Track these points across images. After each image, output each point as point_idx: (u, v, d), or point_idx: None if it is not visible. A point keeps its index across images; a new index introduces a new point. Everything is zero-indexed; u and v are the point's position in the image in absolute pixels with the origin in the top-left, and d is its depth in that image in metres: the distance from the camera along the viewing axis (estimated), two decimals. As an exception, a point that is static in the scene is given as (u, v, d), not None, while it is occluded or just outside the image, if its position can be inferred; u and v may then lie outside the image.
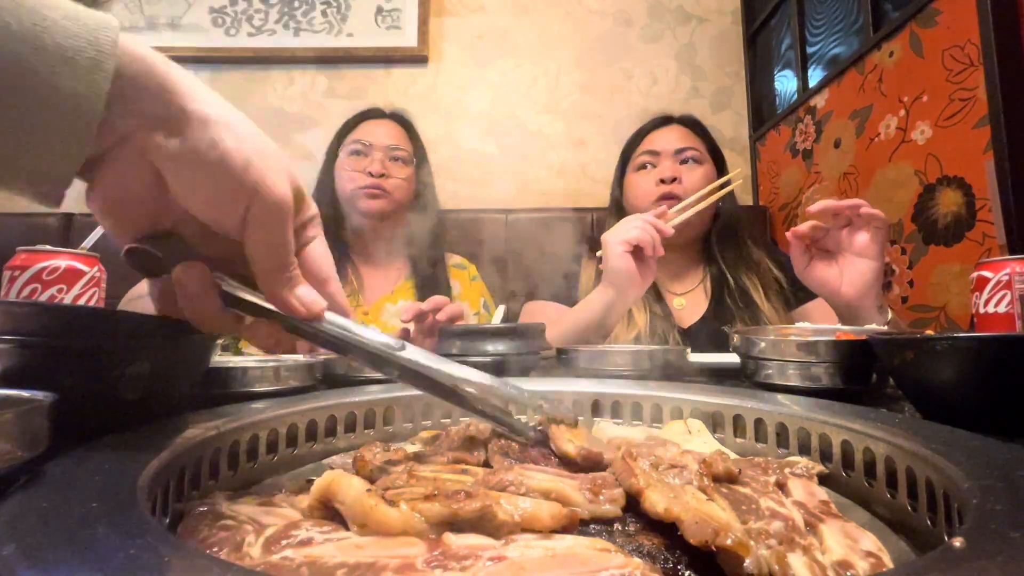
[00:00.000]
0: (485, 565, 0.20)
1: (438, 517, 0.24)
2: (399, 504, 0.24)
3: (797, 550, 0.23)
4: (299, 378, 0.57)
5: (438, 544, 0.22)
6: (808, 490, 0.29)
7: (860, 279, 0.86)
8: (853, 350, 0.56)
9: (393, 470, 0.31)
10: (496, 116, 2.14)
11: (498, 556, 0.21)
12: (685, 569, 0.22)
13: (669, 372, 0.66)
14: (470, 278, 1.34)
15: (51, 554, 0.17)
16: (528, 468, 0.30)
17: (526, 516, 0.24)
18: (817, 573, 0.21)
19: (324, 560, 0.21)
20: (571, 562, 0.20)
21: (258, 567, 0.21)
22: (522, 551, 0.21)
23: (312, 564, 0.21)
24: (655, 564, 0.23)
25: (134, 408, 0.41)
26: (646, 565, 0.20)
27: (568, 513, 0.25)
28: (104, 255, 0.72)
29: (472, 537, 0.23)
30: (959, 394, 0.43)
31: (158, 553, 0.17)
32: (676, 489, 0.27)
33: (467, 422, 0.42)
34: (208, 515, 0.27)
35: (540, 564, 0.20)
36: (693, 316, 1.22)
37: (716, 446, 0.39)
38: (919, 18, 1.25)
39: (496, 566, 0.20)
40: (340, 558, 0.21)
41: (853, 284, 0.87)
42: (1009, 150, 1.03)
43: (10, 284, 0.66)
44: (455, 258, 1.37)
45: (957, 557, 0.16)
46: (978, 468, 0.24)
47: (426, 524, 0.24)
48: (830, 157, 1.60)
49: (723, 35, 2.14)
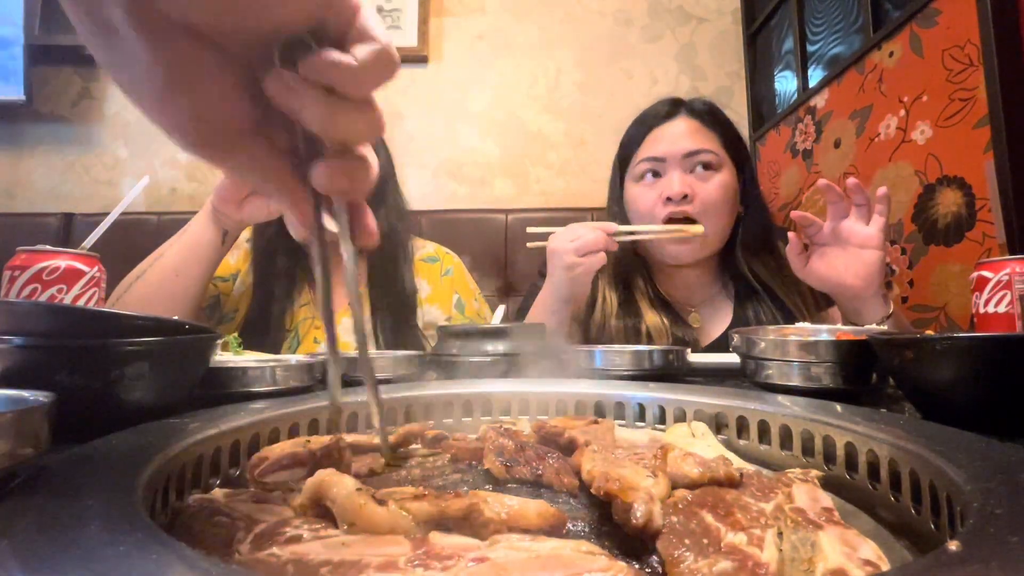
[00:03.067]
0: (467, 566, 0.20)
1: (426, 516, 0.24)
2: (388, 503, 0.24)
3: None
4: (299, 378, 0.57)
5: (423, 543, 0.22)
6: (812, 496, 0.28)
7: (865, 269, 0.87)
8: (853, 350, 0.56)
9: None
10: (496, 116, 2.14)
11: (481, 557, 0.21)
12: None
13: (670, 372, 0.66)
14: (441, 273, 1.19)
15: (42, 551, 0.17)
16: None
17: (512, 514, 0.24)
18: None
19: (310, 558, 0.21)
20: (553, 564, 0.20)
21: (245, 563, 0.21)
22: (505, 552, 0.21)
23: (298, 562, 0.21)
24: (641, 568, 0.23)
25: (134, 408, 0.41)
26: (630, 568, 0.20)
27: (555, 512, 0.25)
28: (104, 255, 0.72)
29: (457, 537, 0.23)
30: (959, 394, 0.43)
31: (147, 551, 0.17)
32: (614, 462, 0.29)
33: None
34: (203, 511, 0.27)
35: (522, 566, 0.20)
36: (715, 331, 1.09)
37: (720, 449, 0.39)
38: (919, 18, 1.25)
39: (478, 567, 0.20)
40: (325, 556, 0.21)
41: (859, 275, 0.87)
42: (1009, 150, 1.03)
43: (10, 284, 0.66)
44: (426, 248, 1.22)
45: (951, 561, 0.16)
46: (981, 471, 0.24)
47: (414, 523, 0.24)
48: (830, 157, 1.60)
49: (723, 35, 2.14)
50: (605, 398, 0.50)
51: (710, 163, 1.02)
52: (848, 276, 0.88)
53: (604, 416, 0.50)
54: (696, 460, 0.31)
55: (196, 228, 0.95)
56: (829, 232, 0.90)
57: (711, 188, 1.01)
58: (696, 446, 0.38)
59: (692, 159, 1.02)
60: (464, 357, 0.69)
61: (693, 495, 0.27)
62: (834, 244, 0.90)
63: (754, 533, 0.24)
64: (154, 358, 0.43)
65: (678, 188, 0.99)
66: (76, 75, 2.09)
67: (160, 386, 0.44)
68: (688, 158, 1.02)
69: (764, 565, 0.22)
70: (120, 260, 0.93)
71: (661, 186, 1.02)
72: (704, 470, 0.30)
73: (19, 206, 2.03)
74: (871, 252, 0.86)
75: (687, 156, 1.02)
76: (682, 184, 1.00)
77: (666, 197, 1.00)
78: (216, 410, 0.40)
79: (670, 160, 1.02)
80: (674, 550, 0.23)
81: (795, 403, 0.41)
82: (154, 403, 0.43)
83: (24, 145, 2.07)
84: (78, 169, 2.08)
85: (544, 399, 0.52)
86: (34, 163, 2.07)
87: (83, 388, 0.39)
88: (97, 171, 2.08)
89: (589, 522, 0.28)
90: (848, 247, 0.88)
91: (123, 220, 0.77)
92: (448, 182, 2.11)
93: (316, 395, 0.48)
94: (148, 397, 0.42)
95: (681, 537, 0.24)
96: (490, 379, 0.56)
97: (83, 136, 2.09)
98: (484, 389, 0.52)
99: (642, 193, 1.05)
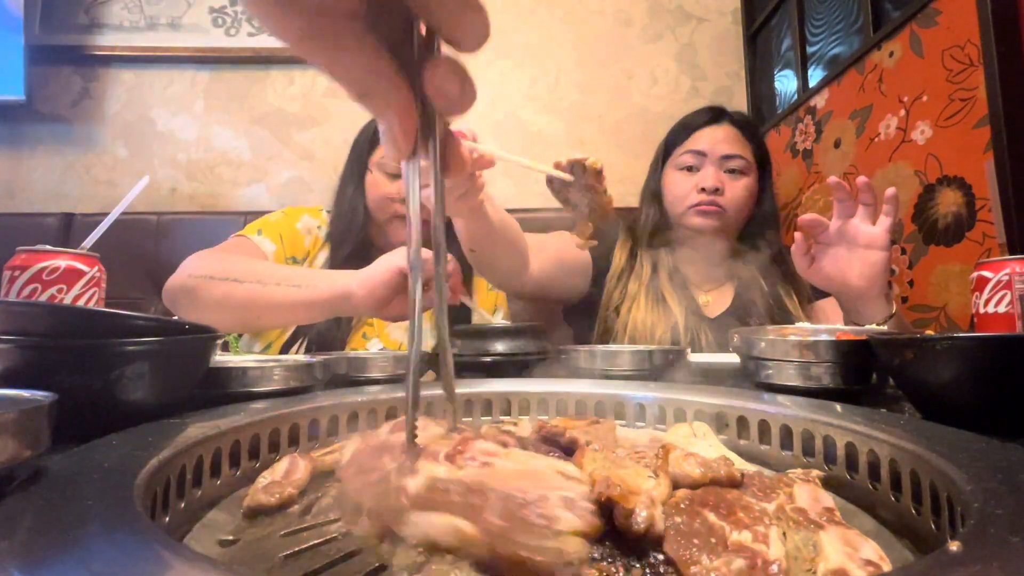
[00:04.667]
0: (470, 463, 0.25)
1: None
2: None
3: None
4: (299, 378, 0.57)
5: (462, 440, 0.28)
6: (813, 496, 0.28)
7: (870, 270, 0.87)
8: (853, 350, 0.56)
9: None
10: (496, 116, 2.14)
11: (488, 463, 0.25)
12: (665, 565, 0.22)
13: (670, 372, 0.66)
14: (487, 287, 1.25)
15: (42, 551, 0.17)
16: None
17: None
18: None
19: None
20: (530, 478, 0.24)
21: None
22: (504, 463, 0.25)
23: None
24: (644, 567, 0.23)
25: (134, 408, 0.41)
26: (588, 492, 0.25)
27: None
28: (104, 255, 0.72)
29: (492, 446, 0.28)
30: (959, 394, 0.43)
31: (147, 551, 0.17)
32: (616, 463, 0.29)
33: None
34: None
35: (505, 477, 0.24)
36: (714, 312, 1.20)
37: (722, 449, 0.39)
38: (919, 18, 1.25)
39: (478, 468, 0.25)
40: None
41: (863, 275, 0.87)
42: (1009, 150, 1.03)
43: (10, 284, 0.66)
44: None
45: (952, 561, 0.16)
46: (981, 471, 0.24)
47: None
48: (830, 157, 1.60)
49: (723, 35, 2.14)
50: (605, 398, 0.50)
51: (742, 169, 1.18)
52: (852, 276, 0.88)
53: (604, 416, 0.50)
54: (697, 460, 0.31)
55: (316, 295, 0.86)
56: (835, 231, 0.90)
57: (739, 188, 1.17)
58: (697, 446, 0.38)
59: (728, 161, 1.18)
60: (463, 357, 0.69)
61: (695, 495, 0.27)
62: (839, 243, 0.89)
63: (758, 531, 0.24)
64: (154, 358, 0.43)
65: (712, 182, 1.15)
66: (76, 75, 2.09)
67: (160, 386, 0.44)
68: (725, 160, 1.18)
69: (774, 561, 0.22)
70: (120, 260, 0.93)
71: (697, 177, 1.18)
72: (705, 470, 0.30)
73: (19, 206, 2.03)
74: (876, 252, 0.86)
75: (724, 158, 1.17)
76: (716, 178, 1.15)
77: (701, 187, 1.15)
78: (216, 410, 0.40)
79: (709, 157, 1.18)
80: (684, 551, 0.23)
81: (795, 403, 0.41)
82: (154, 403, 0.43)
83: (24, 145, 2.07)
84: (78, 169, 2.08)
85: (544, 399, 0.52)
86: (34, 163, 2.07)
87: (83, 388, 0.39)
88: (97, 171, 2.08)
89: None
90: (854, 247, 0.88)
91: (123, 220, 0.77)
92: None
93: (316, 395, 0.48)
94: (148, 397, 0.42)
95: (689, 537, 0.24)
96: (490, 379, 0.56)
97: (83, 136, 2.08)
98: (484, 389, 0.52)
99: (681, 179, 1.20)
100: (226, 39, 2.11)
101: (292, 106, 2.13)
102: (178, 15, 2.12)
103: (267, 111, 2.13)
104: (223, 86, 2.13)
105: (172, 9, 2.12)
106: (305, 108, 2.12)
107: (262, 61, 2.12)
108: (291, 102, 2.14)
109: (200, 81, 2.13)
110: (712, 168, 1.17)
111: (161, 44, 2.09)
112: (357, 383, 0.61)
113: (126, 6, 2.11)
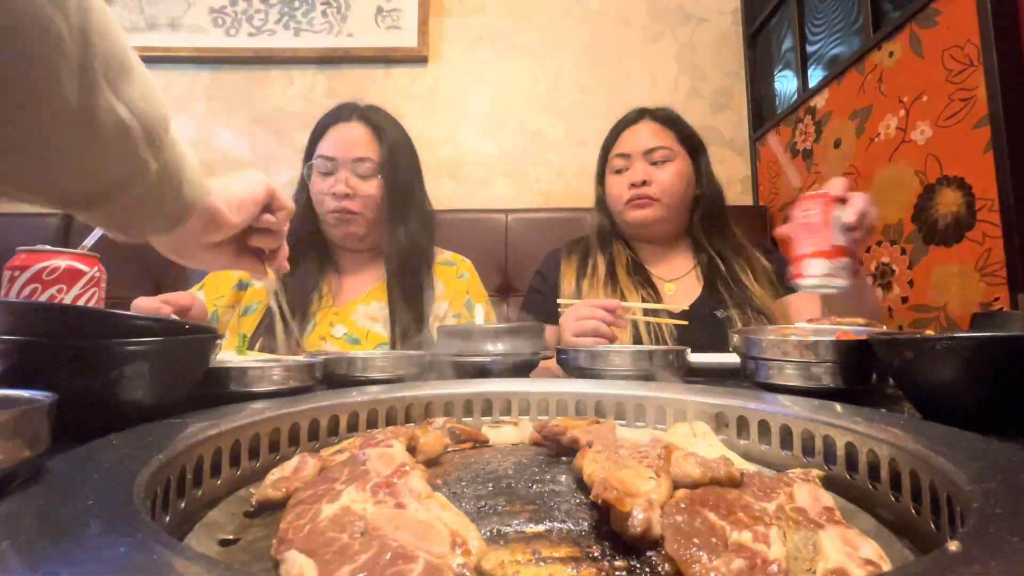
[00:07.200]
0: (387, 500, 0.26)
1: None
2: None
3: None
4: (299, 378, 0.57)
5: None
6: (813, 495, 0.28)
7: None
8: (853, 350, 0.56)
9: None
10: (496, 116, 2.14)
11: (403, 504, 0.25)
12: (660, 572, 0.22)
13: (669, 372, 0.66)
14: (456, 275, 1.29)
15: (42, 551, 0.17)
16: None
17: None
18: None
19: None
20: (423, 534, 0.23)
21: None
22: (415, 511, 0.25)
23: None
24: (639, 566, 0.23)
25: (134, 408, 0.41)
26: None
27: None
28: (104, 255, 0.72)
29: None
30: (959, 394, 0.43)
31: (148, 551, 0.17)
32: (617, 463, 0.29)
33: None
34: None
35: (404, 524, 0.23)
36: (685, 302, 1.23)
37: (722, 449, 0.39)
38: (919, 18, 1.25)
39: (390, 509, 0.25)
40: None
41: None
42: (1009, 150, 1.03)
43: (10, 284, 0.66)
44: (445, 254, 1.34)
45: (952, 561, 0.16)
46: (981, 471, 0.24)
47: None
48: (830, 157, 1.60)
49: (723, 35, 2.14)
50: (605, 398, 0.50)
51: (666, 157, 1.27)
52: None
53: (604, 416, 0.50)
54: (697, 460, 0.31)
55: None
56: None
57: (666, 175, 1.26)
58: (697, 446, 0.38)
59: (651, 154, 1.27)
60: (462, 357, 0.69)
61: (695, 495, 0.27)
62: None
63: (758, 530, 0.24)
64: (154, 358, 0.43)
65: (639, 176, 1.26)
66: (76, 75, 2.09)
67: (160, 386, 0.44)
68: (648, 154, 1.27)
69: (774, 561, 0.22)
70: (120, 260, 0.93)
71: (627, 176, 1.29)
72: (705, 470, 0.30)
73: (19, 206, 2.02)
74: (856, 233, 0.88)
75: (647, 152, 1.27)
76: (644, 172, 1.26)
77: (630, 183, 1.26)
78: (216, 410, 0.40)
79: (634, 156, 1.28)
80: (684, 550, 0.23)
81: (795, 403, 0.41)
82: (154, 403, 0.43)
83: (24, 145, 2.07)
84: (78, 169, 2.08)
85: (544, 399, 0.52)
86: (34, 163, 2.07)
87: (83, 388, 0.39)
88: (97, 171, 2.08)
89: (590, 520, 0.28)
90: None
91: (123, 220, 0.77)
92: (448, 182, 2.11)
93: (316, 395, 0.48)
94: (148, 397, 0.42)
95: (689, 537, 0.24)
96: (490, 379, 0.56)
97: (83, 136, 2.08)
98: (484, 389, 0.52)
99: (615, 181, 1.31)
100: (226, 39, 2.11)
101: (292, 106, 2.13)
102: (178, 15, 2.12)
103: (267, 111, 2.13)
104: (223, 86, 2.13)
105: (172, 9, 2.12)
106: (305, 108, 2.12)
107: (262, 61, 2.12)
108: (291, 102, 2.14)
109: (200, 81, 2.13)
110: (639, 164, 1.27)
111: (161, 44, 2.09)
112: (357, 383, 0.61)
113: (126, 6, 2.11)
